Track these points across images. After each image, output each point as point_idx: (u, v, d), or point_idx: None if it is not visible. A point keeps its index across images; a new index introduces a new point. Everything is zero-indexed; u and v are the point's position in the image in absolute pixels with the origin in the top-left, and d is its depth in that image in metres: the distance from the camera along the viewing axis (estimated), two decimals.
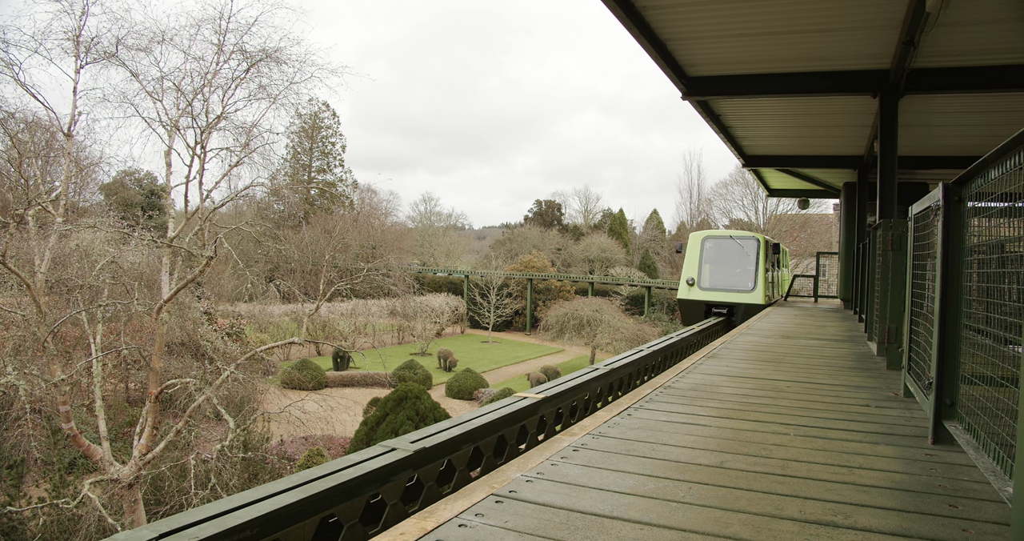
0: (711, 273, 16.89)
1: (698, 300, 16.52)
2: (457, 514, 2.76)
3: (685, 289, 16.81)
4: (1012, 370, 2.71)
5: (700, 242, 17.22)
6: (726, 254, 17.11)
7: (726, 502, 2.95)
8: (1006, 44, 8.47)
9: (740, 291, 16.13)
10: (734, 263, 16.82)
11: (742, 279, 16.40)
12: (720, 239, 17.43)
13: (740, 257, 16.75)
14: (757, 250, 16.51)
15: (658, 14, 8.30)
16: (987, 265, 3.33)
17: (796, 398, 5.37)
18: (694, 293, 16.66)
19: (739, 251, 16.81)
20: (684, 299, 16.88)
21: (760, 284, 16.02)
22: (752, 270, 16.30)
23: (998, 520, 2.75)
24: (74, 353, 17.43)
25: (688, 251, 17.28)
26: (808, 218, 48.08)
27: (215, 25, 16.72)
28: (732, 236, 17.31)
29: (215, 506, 3.36)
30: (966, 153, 14.82)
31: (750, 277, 16.25)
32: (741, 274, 16.49)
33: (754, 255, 16.47)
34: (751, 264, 16.42)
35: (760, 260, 16.30)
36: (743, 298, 15.94)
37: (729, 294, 16.24)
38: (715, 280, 16.73)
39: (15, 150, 15.29)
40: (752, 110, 12.85)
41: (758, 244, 16.59)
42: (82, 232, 16.09)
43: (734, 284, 16.40)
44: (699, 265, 16.86)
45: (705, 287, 16.61)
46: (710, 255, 17.20)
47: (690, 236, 17.82)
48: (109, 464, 13.86)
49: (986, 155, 3.08)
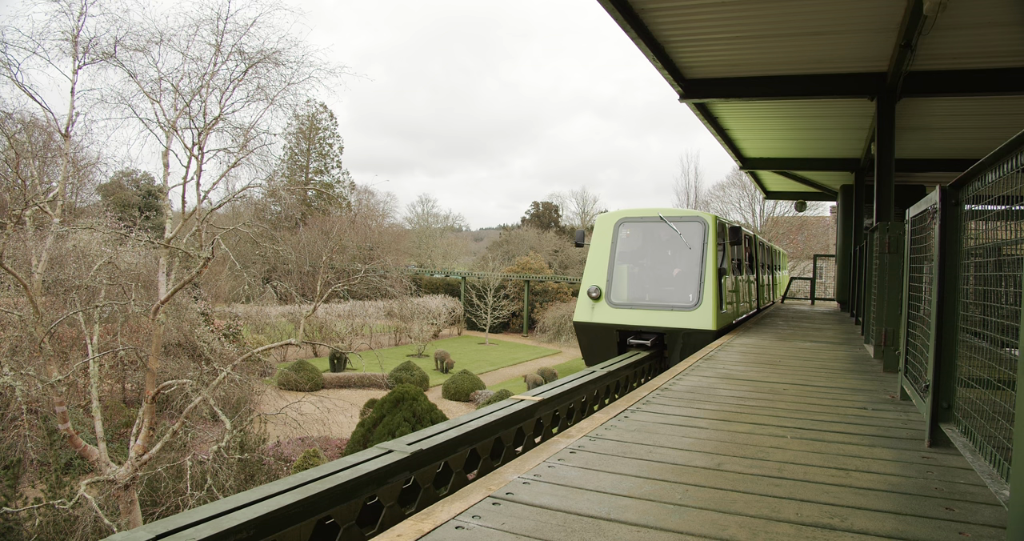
0: (629, 279, 10.84)
1: (606, 324, 10.31)
2: (454, 516, 2.75)
3: (587, 306, 10.56)
4: (1009, 373, 2.72)
5: (613, 228, 10.92)
6: (654, 247, 11.13)
7: (723, 504, 2.95)
8: (1003, 47, 8.50)
9: (676, 308, 10.04)
10: (666, 262, 10.85)
11: (679, 288, 10.37)
12: (644, 222, 10.98)
13: (677, 252, 10.66)
14: (704, 239, 10.32)
15: (656, 16, 8.32)
16: (984, 268, 3.34)
17: (793, 401, 5.37)
18: (601, 312, 10.42)
19: (675, 242, 10.64)
20: (584, 322, 10.53)
21: (709, 295, 9.95)
22: (696, 272, 10.18)
23: (994, 523, 2.76)
24: (71, 354, 17.37)
25: (594, 243, 11.00)
26: (805, 220, 48.16)
27: (213, 26, 16.72)
28: (663, 217, 10.66)
29: (212, 507, 3.36)
30: (963, 156, 14.88)
31: (692, 284, 10.15)
32: (678, 280, 10.48)
33: (699, 247, 10.30)
34: (694, 262, 10.28)
35: (708, 255, 10.23)
36: (680, 320, 9.92)
37: (657, 314, 10.10)
38: (635, 291, 10.72)
39: (12, 150, 15.27)
40: (749, 112, 12.87)
41: (705, 229, 10.38)
42: (79, 233, 16.04)
43: (666, 297, 10.39)
44: (609, 266, 10.69)
45: (619, 302, 10.42)
46: (628, 249, 11.19)
47: (596, 219, 11.23)
48: (105, 465, 13.82)
49: (983, 158, 3.09)
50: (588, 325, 10.55)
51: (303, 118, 66.76)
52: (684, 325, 9.83)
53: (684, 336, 9.83)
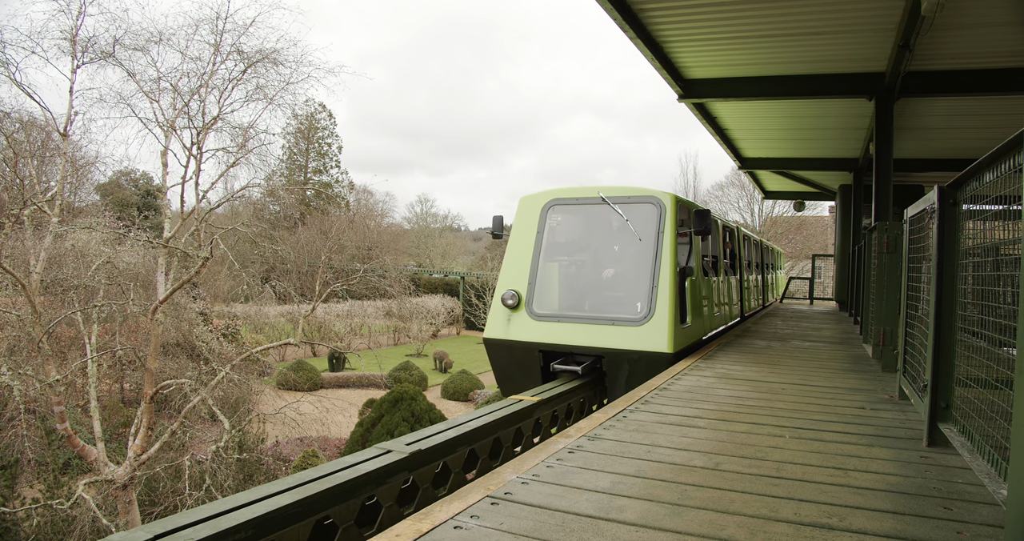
0: (560, 282, 8.28)
1: (526, 342, 7.82)
2: (452, 516, 2.76)
3: (501, 317, 8.05)
4: (1006, 373, 2.72)
5: (540, 213, 8.34)
6: (594, 238, 8.58)
7: (721, 504, 2.96)
8: (1001, 47, 8.51)
9: (618, 321, 7.49)
10: (610, 258, 8.30)
11: (625, 294, 7.83)
12: (581, 205, 8.31)
13: (624, 244, 8.09)
14: (659, 226, 7.69)
15: (655, 16, 8.32)
16: (982, 268, 3.35)
17: (791, 400, 5.38)
18: (520, 326, 7.92)
19: (622, 231, 7.99)
20: (497, 340, 8.05)
21: (664, 303, 7.38)
22: (647, 272, 7.59)
23: (992, 522, 2.76)
24: (69, 353, 17.36)
25: (515, 234, 8.45)
26: (804, 220, 48.18)
27: (212, 25, 16.72)
28: (605, 197, 7.99)
29: (210, 507, 3.36)
30: (961, 156, 14.90)
31: (641, 289, 7.57)
32: (623, 283, 7.97)
33: (652, 238, 7.70)
34: (645, 259, 7.67)
35: (664, 248, 7.61)
36: (624, 338, 7.38)
37: (594, 331, 7.55)
38: (567, 298, 8.17)
39: (11, 150, 15.26)
40: (748, 112, 12.88)
41: (660, 214, 7.74)
42: (78, 232, 16.04)
43: (607, 306, 7.86)
44: (533, 264, 8.11)
45: (544, 313, 7.87)
46: (560, 241, 8.66)
47: (520, 201, 8.58)
48: (104, 465, 13.81)
49: (981, 158, 3.09)
50: (502, 343, 7.88)
51: (302, 118, 66.71)
52: (628, 345, 7.16)
53: (629, 361, 7.20)
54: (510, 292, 7.97)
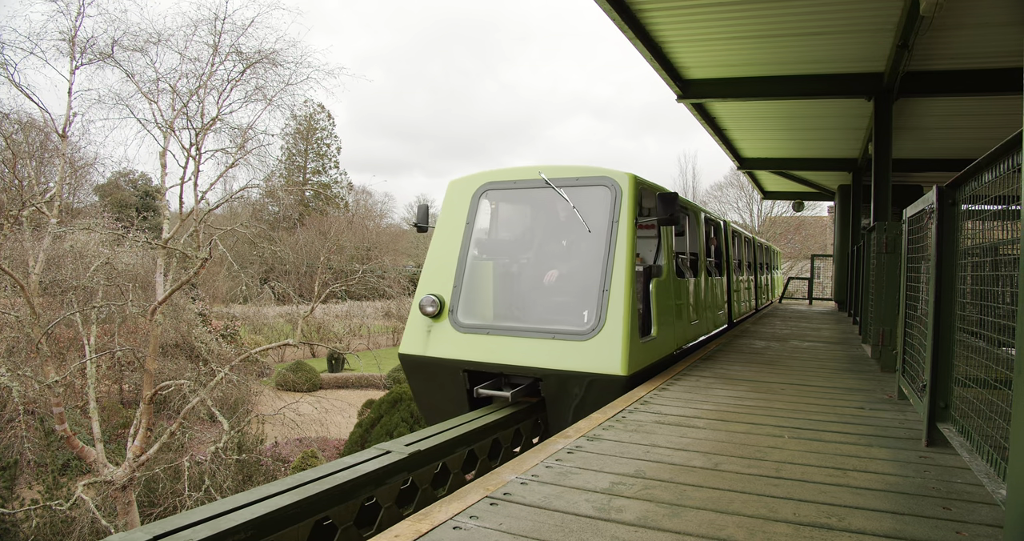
0: (495, 284, 6.85)
1: (447, 360, 6.37)
2: (452, 516, 2.75)
3: (419, 327, 6.60)
4: (1005, 372, 2.72)
5: (471, 200, 6.89)
6: (536, 230, 7.28)
7: (720, 504, 2.96)
8: (1000, 47, 8.52)
9: (560, 335, 5.98)
10: (551, 254, 6.90)
11: (570, 300, 6.38)
12: (520, 190, 6.91)
13: (571, 237, 6.68)
14: (613, 215, 6.21)
15: (654, 16, 8.33)
16: (980, 268, 3.35)
17: (790, 400, 5.38)
18: (441, 340, 6.48)
19: (567, 221, 6.59)
20: (413, 356, 6.58)
21: (618, 312, 5.83)
22: (596, 272, 6.09)
23: (991, 522, 2.76)
24: (68, 354, 17.35)
25: (441, 225, 6.98)
26: (803, 220, 48.18)
27: (211, 26, 16.72)
28: (549, 180, 6.50)
29: (209, 508, 3.36)
30: (960, 156, 14.91)
31: (589, 293, 6.06)
32: (568, 286, 6.46)
33: (604, 229, 6.20)
34: (594, 255, 6.21)
35: (619, 241, 6.08)
36: (566, 357, 5.87)
37: (531, 345, 6.05)
38: (502, 304, 6.75)
39: (9, 151, 15.27)
40: (747, 112, 12.88)
41: (615, 199, 6.25)
42: (76, 233, 16.03)
43: (547, 316, 6.43)
44: (461, 262, 6.66)
45: (471, 323, 6.42)
46: (492, 233, 7.55)
47: (448, 187, 7.12)
48: (103, 466, 13.81)
49: (979, 158, 3.10)
50: (419, 361, 6.40)
51: (301, 119, 66.68)
52: (570, 365, 5.70)
53: (572, 385, 5.73)
54: (429, 297, 6.43)
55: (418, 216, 7.34)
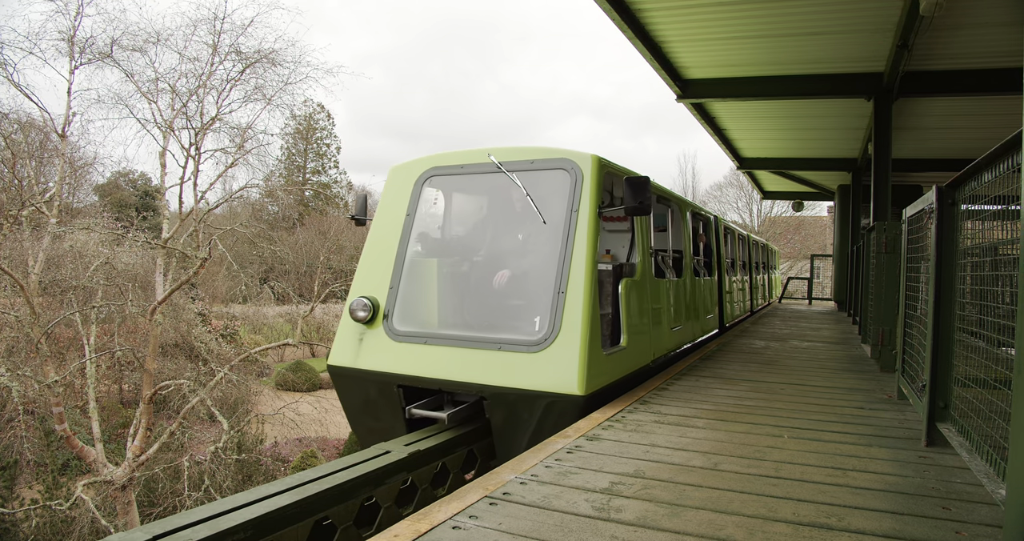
0: (440, 284, 5.87)
1: (379, 374, 5.44)
2: (451, 516, 2.75)
3: (350, 335, 5.71)
4: (1005, 372, 2.72)
5: (413, 189, 6.03)
6: (485, 221, 6.61)
7: (719, 504, 2.96)
8: (999, 47, 8.52)
9: (507, 345, 5.04)
10: (502, 249, 6.04)
11: (520, 304, 5.45)
12: (468, 175, 5.93)
13: (523, 231, 5.88)
14: (572, 202, 5.26)
15: (654, 16, 8.33)
16: (980, 268, 3.35)
17: (790, 400, 5.38)
18: (372, 350, 5.57)
19: (521, 211, 5.74)
20: (341, 368, 5.67)
21: (575, 318, 4.89)
22: (551, 270, 5.15)
23: (991, 522, 2.76)
24: (68, 354, 17.35)
25: (379, 216, 6.16)
26: (802, 220, 48.18)
27: (210, 26, 16.73)
28: (500, 163, 5.54)
29: (209, 508, 3.36)
30: (960, 156, 14.91)
31: (543, 295, 5.15)
32: (519, 287, 5.54)
33: (561, 220, 5.28)
34: (550, 250, 5.26)
35: (579, 233, 5.14)
36: (514, 371, 4.93)
37: (474, 357, 5.12)
38: (441, 309, 5.83)
39: (9, 151, 15.26)
40: (747, 112, 12.88)
41: (575, 184, 5.30)
42: (76, 233, 16.03)
43: (493, 321, 5.57)
44: (399, 258, 5.78)
45: (408, 331, 5.51)
46: (437, 225, 6.72)
47: (389, 173, 6.24)
48: (102, 466, 13.81)
49: (979, 158, 3.10)
50: (349, 374, 5.60)
51: (300, 118, 66.66)
52: (517, 382, 4.85)
53: (519, 405, 4.88)
54: (361, 300, 5.56)
55: (356, 206, 6.46)
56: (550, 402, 4.77)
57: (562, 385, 4.74)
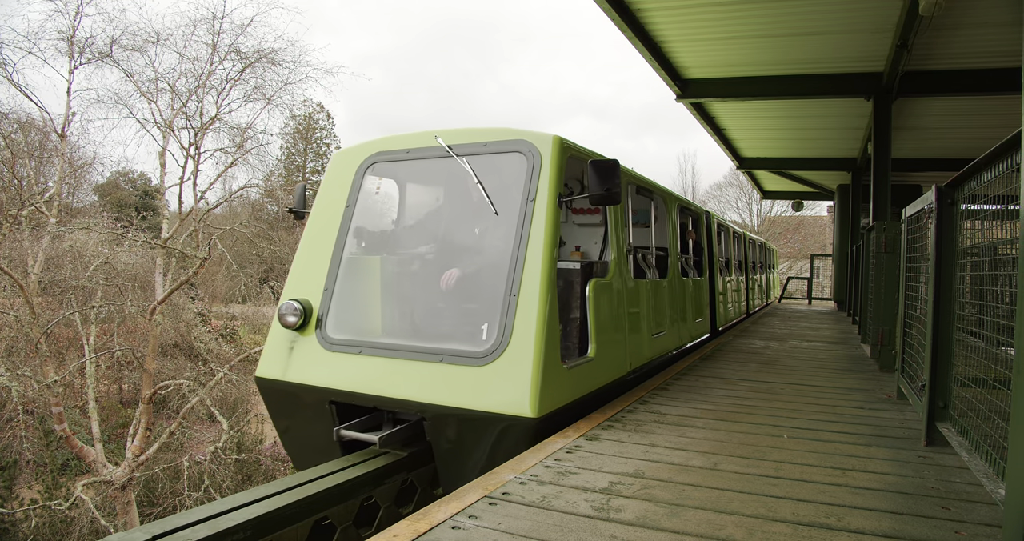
0: (383, 285, 5.19)
1: (310, 388, 4.75)
2: (450, 516, 2.75)
3: (280, 343, 5.01)
4: (1004, 372, 2.72)
5: (355, 177, 5.34)
6: (435, 212, 5.91)
7: (719, 504, 2.96)
8: (999, 47, 8.52)
9: (450, 356, 4.33)
10: (452, 245, 5.31)
11: (467, 309, 4.71)
12: (415, 162, 5.22)
13: (474, 223, 5.14)
14: (527, 190, 4.56)
15: (653, 16, 8.33)
16: (980, 267, 3.35)
17: (790, 400, 5.38)
18: (302, 360, 4.88)
19: (475, 202, 4.92)
20: (272, 381, 4.95)
21: (530, 324, 4.17)
22: (502, 269, 4.44)
23: (990, 522, 2.76)
24: (67, 354, 17.35)
25: (316, 210, 5.47)
26: (802, 220, 48.17)
27: (210, 26, 16.73)
28: (451, 146, 4.89)
29: (208, 508, 3.36)
30: (959, 156, 14.92)
31: (492, 299, 4.43)
32: (467, 288, 4.78)
33: (515, 210, 4.56)
34: (502, 246, 4.58)
35: (534, 225, 4.43)
36: (457, 387, 4.22)
37: (414, 370, 4.41)
38: (382, 314, 5.16)
39: (8, 150, 15.27)
40: (747, 112, 12.89)
41: (531, 168, 4.61)
42: (76, 233, 16.04)
43: (436, 328, 4.83)
44: (335, 258, 5.09)
45: (341, 340, 4.80)
46: (383, 218, 6.14)
47: (331, 160, 5.71)
48: (102, 465, 13.80)
49: (979, 158, 3.10)
50: (277, 388, 4.97)
51: (300, 118, 66.63)
52: (459, 401, 4.18)
53: (462, 427, 4.22)
54: (291, 304, 4.92)
55: (295, 197, 5.83)
56: (496, 425, 4.05)
57: (510, 405, 4.01)
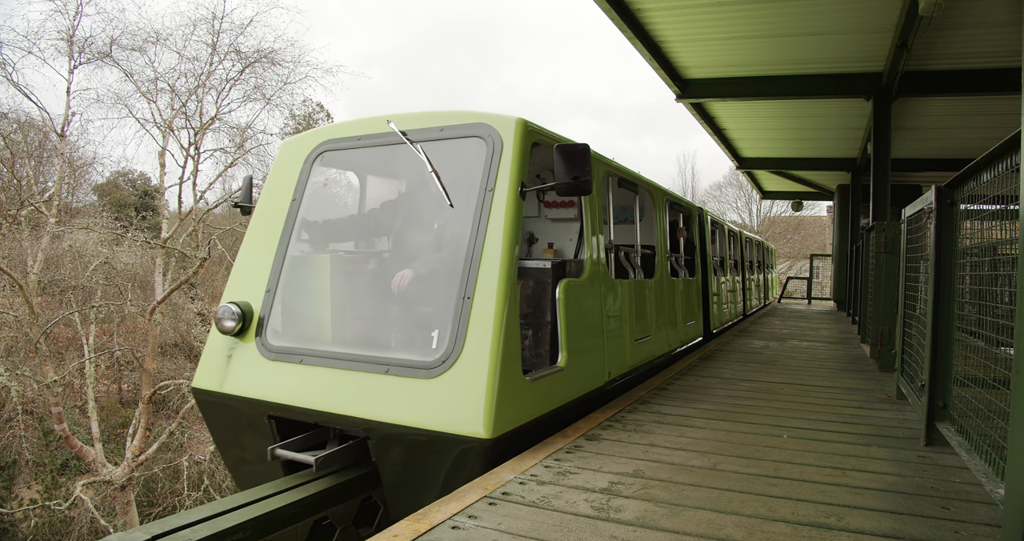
0: (328, 292, 4.55)
1: (246, 400, 4.27)
2: (450, 516, 2.75)
3: (218, 350, 4.53)
4: (1004, 372, 2.72)
5: (303, 167, 4.85)
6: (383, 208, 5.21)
7: (719, 504, 2.96)
8: (998, 47, 8.52)
9: (396, 367, 3.82)
10: (405, 242, 4.61)
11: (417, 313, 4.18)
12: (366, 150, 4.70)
13: (429, 216, 4.48)
14: (485, 179, 4.06)
15: (653, 16, 8.33)
16: (979, 267, 3.35)
17: (789, 400, 5.38)
18: (241, 370, 4.40)
19: (431, 194, 4.31)
20: (205, 392, 4.49)
21: (485, 332, 3.67)
22: (456, 268, 3.93)
23: (990, 522, 2.76)
24: (67, 354, 17.35)
25: (261, 204, 4.97)
26: (802, 220, 48.16)
27: (209, 26, 16.73)
28: (405, 132, 4.33)
29: (208, 508, 3.36)
30: (959, 156, 14.91)
31: (444, 302, 3.92)
32: (418, 291, 4.18)
33: (472, 202, 4.05)
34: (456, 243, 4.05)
35: (491, 219, 3.93)
36: (404, 402, 3.71)
37: (357, 382, 3.90)
38: (328, 318, 4.51)
39: (8, 150, 15.26)
40: (746, 112, 12.89)
41: (491, 154, 4.10)
42: (75, 233, 16.04)
43: (383, 335, 4.35)
44: (278, 256, 4.63)
45: (281, 348, 4.31)
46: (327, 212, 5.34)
47: (280, 148, 5.12)
48: (102, 465, 13.80)
49: (978, 158, 3.10)
50: (215, 400, 4.50)
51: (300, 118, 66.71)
52: (405, 417, 3.70)
53: (413, 448, 3.75)
54: (229, 307, 4.45)
55: (241, 191, 5.32)
56: (445, 446, 3.56)
57: (460, 423, 3.52)
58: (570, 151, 3.93)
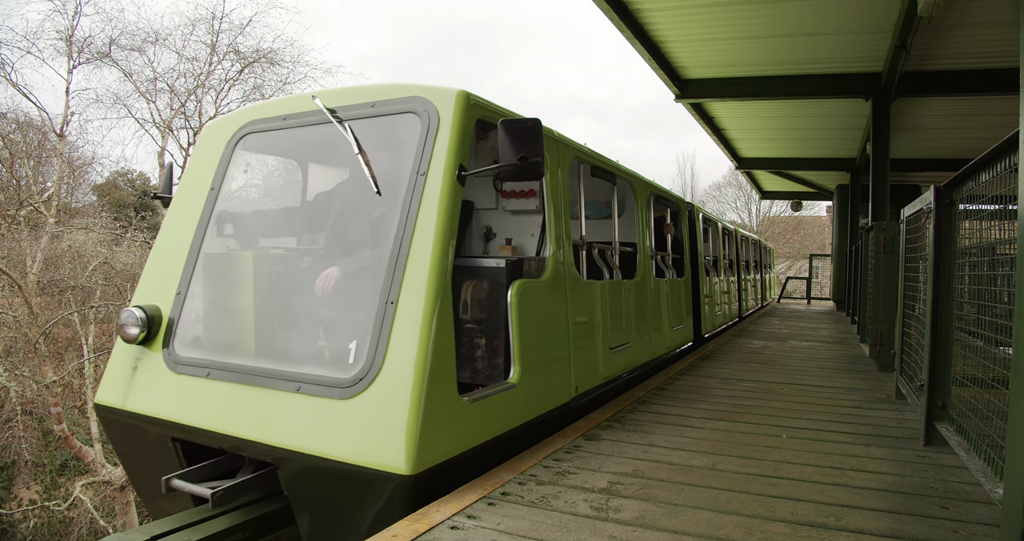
0: (241, 295, 3.86)
1: (149, 419, 3.68)
2: (449, 516, 2.75)
3: (123, 361, 3.94)
4: (1003, 372, 2.72)
5: (223, 152, 4.27)
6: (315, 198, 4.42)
7: (718, 504, 2.96)
8: (997, 47, 8.52)
9: (308, 384, 3.21)
10: (331, 236, 3.88)
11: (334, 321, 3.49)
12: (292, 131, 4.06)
13: (356, 207, 3.81)
14: (418, 162, 3.44)
15: (652, 16, 8.33)
16: (978, 267, 3.35)
17: (789, 400, 5.38)
18: (145, 384, 3.80)
19: (358, 179, 3.67)
20: (108, 408, 3.89)
21: (411, 343, 3.05)
22: (379, 268, 3.31)
23: (988, 521, 2.77)
24: (66, 354, 17.34)
25: (179, 194, 4.43)
26: (801, 220, 48.17)
27: (208, 26, 16.74)
28: (333, 110, 3.76)
29: (208, 508, 3.35)
30: (958, 156, 14.92)
31: (362, 309, 3.30)
32: (343, 295, 3.49)
33: (402, 189, 3.42)
34: (382, 237, 3.41)
35: (423, 208, 3.32)
36: (315, 427, 3.09)
37: (264, 401, 3.33)
38: (244, 328, 3.78)
39: (7, 150, 15.27)
40: (745, 112, 12.89)
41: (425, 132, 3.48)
42: (74, 233, 16.03)
43: (296, 346, 3.55)
44: (191, 253, 4.04)
45: (189, 359, 3.73)
46: (249, 202, 4.68)
47: (202, 132, 4.56)
48: (101, 466, 13.80)
49: (977, 158, 3.10)
50: (118, 417, 3.94)
51: None
52: (315, 446, 3.07)
53: (324, 481, 3.11)
54: (133, 312, 3.92)
55: (162, 184, 4.81)
56: (359, 480, 2.98)
57: (374, 454, 2.93)
58: (517, 127, 3.37)
